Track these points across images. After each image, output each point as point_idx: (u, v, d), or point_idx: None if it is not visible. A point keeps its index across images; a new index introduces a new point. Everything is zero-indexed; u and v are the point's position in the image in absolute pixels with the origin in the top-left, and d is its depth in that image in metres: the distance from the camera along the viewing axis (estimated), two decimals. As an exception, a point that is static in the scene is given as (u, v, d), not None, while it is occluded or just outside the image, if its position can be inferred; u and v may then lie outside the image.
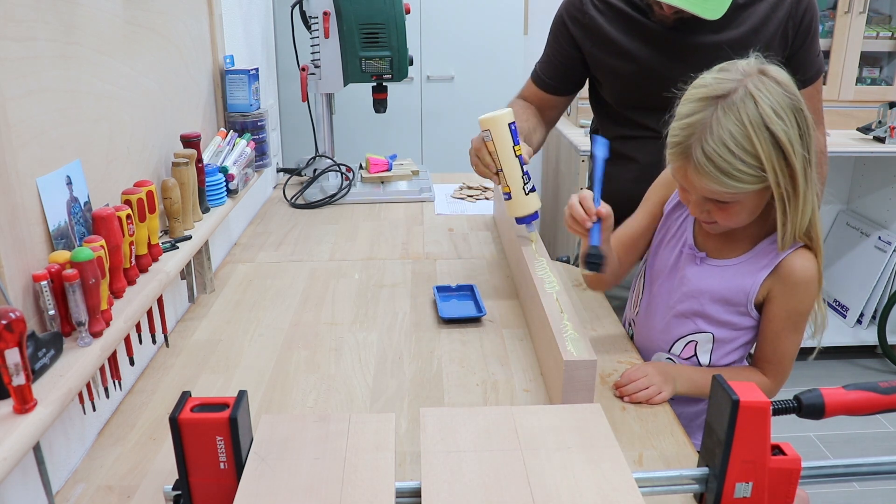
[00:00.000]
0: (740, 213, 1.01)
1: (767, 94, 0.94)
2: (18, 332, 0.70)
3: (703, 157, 0.95)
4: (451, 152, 2.99)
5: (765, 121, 0.93)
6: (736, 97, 0.94)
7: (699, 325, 1.12)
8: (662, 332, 1.16)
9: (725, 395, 0.74)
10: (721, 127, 0.94)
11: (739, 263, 1.08)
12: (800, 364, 1.11)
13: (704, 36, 1.32)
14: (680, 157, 0.99)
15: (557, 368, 0.99)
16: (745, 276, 1.07)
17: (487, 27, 2.89)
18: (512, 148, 1.27)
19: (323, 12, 1.91)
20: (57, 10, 0.89)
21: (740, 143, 0.93)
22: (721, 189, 0.96)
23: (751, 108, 0.93)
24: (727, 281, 1.08)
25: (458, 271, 1.54)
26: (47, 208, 0.86)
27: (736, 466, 0.74)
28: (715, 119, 0.94)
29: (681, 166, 0.99)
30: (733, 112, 0.93)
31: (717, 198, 0.99)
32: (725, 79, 0.96)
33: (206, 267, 1.39)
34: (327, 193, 2.01)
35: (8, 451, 0.68)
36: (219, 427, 0.71)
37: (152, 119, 1.21)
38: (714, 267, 1.10)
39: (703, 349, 1.13)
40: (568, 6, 1.45)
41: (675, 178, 1.05)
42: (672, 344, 1.15)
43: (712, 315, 1.10)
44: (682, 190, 1.06)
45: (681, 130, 0.98)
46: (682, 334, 1.14)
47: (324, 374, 1.13)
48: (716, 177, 0.95)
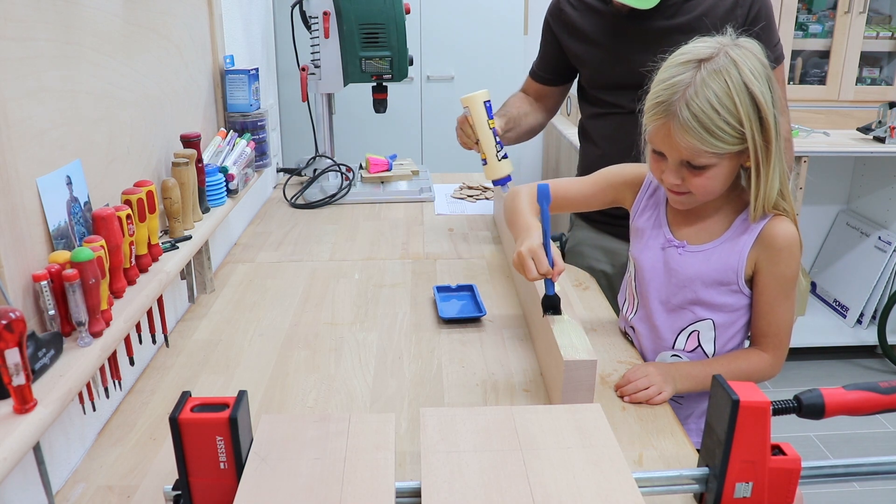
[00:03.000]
0: (714, 179, 1.03)
1: (746, 59, 0.99)
2: (18, 332, 0.70)
3: (689, 114, 0.98)
4: (451, 152, 2.98)
5: (745, 83, 0.98)
6: (718, 60, 0.99)
7: (697, 314, 1.13)
8: (664, 330, 1.16)
9: (725, 395, 0.74)
10: (706, 86, 0.98)
11: (721, 244, 1.10)
12: (800, 364, 1.11)
13: (656, 21, 1.48)
14: (662, 117, 1.01)
15: (557, 368, 0.99)
16: (729, 253, 1.09)
17: (487, 27, 2.89)
18: (486, 122, 1.56)
19: (323, 12, 1.91)
20: (57, 9, 0.89)
21: (723, 102, 0.97)
22: (702, 147, 0.99)
23: (733, 71, 0.98)
24: (714, 262, 1.10)
25: (458, 271, 1.54)
26: (47, 208, 0.86)
27: (736, 466, 0.74)
28: (699, 79, 0.98)
29: (662, 125, 1.02)
30: (717, 73, 0.98)
31: (694, 160, 1.01)
32: (706, 46, 1.02)
33: (206, 267, 1.39)
34: (327, 193, 2.01)
35: (8, 451, 0.68)
36: (219, 427, 0.71)
37: (152, 119, 1.21)
38: (697, 252, 1.11)
39: (706, 338, 1.13)
40: (550, 8, 1.68)
41: (652, 143, 1.06)
42: (675, 339, 1.16)
43: (708, 300, 1.11)
44: (656, 160, 1.07)
45: (664, 90, 1.01)
46: (682, 326, 1.15)
47: (324, 374, 1.13)
48: (699, 134, 0.98)
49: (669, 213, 1.16)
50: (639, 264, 1.19)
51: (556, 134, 3.09)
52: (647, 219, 1.19)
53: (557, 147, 3.08)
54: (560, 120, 3.19)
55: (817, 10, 3.03)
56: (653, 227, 1.18)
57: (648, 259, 1.17)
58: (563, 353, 0.96)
